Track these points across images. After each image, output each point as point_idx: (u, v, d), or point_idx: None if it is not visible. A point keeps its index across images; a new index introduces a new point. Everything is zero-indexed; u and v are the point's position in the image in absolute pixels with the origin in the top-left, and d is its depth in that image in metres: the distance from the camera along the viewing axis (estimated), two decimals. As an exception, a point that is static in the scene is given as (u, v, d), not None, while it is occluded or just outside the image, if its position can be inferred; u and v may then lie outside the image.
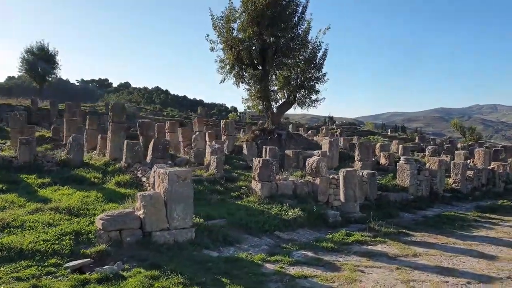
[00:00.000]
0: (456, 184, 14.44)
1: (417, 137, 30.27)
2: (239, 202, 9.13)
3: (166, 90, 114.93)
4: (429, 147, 19.85)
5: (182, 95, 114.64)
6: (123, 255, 5.57)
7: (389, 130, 38.18)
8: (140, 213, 6.24)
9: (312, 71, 19.06)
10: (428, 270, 5.80)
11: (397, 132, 37.10)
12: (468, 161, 19.33)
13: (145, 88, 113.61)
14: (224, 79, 19.04)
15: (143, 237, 6.10)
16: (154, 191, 6.79)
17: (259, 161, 9.72)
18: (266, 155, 14.34)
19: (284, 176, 10.58)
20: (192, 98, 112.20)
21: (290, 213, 8.48)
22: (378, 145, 17.97)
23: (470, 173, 15.11)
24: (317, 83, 19.12)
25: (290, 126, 27.93)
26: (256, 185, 9.75)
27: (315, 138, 21.06)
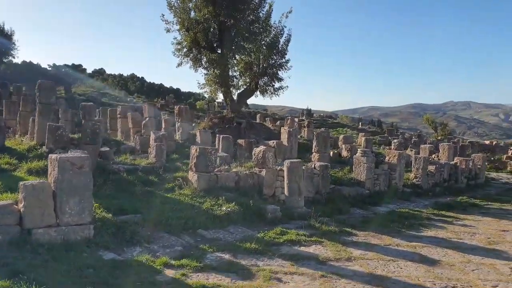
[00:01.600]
0: (417, 179, 13.86)
1: (386, 130, 29.92)
2: (169, 195, 8.13)
3: (142, 78, 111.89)
4: (395, 141, 19.29)
5: (159, 83, 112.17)
6: (-16, 258, 4.51)
7: (360, 123, 37.83)
8: (20, 206, 5.18)
9: (275, 57, 18.08)
10: (357, 278, 4.98)
11: (367, 126, 36.73)
12: (433, 155, 18.89)
13: (120, 75, 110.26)
14: (181, 62, 17.84)
15: (21, 235, 5.05)
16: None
17: (196, 150, 8.74)
18: (220, 144, 13.38)
19: (226, 167, 9.63)
20: (168, 87, 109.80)
21: (223, 208, 7.55)
22: (341, 137, 17.28)
23: (432, 168, 14.55)
24: (280, 70, 18.18)
25: (258, 115, 27.02)
26: (192, 177, 8.78)
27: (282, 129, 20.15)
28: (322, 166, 10.64)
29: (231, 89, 18.28)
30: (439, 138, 34.00)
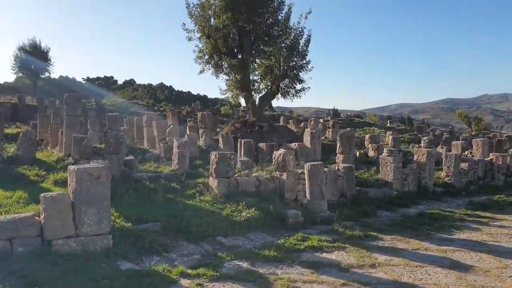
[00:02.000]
0: (449, 178, 13.24)
1: (415, 128, 28.92)
2: (190, 202, 8.11)
3: (170, 86, 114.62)
4: (425, 138, 18.60)
5: (186, 90, 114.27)
6: (5, 270, 4.59)
7: (388, 121, 36.78)
8: (41, 218, 5.26)
9: (295, 59, 17.85)
10: (381, 286, 4.73)
11: (396, 124, 35.65)
12: (466, 152, 18.07)
13: (150, 85, 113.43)
14: (203, 69, 17.93)
15: (42, 246, 5.12)
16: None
17: (215, 155, 8.68)
18: (241, 148, 13.32)
19: (246, 172, 9.52)
20: (196, 94, 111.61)
21: (243, 214, 7.44)
22: (367, 136, 16.81)
23: (465, 165, 13.88)
24: (301, 71, 17.92)
25: (281, 118, 26.78)
26: (212, 182, 8.73)
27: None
28: (346, 167, 10.34)
29: (252, 93, 18.20)
30: (473, 133, 32.57)
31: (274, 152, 9.80)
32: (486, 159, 15.24)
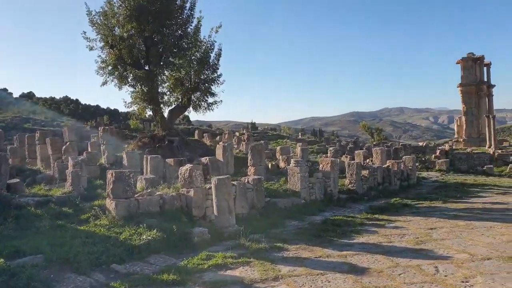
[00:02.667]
0: (352, 185, 14.04)
1: (324, 139, 30.59)
2: (83, 228, 7.29)
3: (76, 100, 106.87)
4: (331, 148, 19.64)
5: (95, 104, 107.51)
6: None
7: (300, 134, 38.48)
8: None
9: (207, 72, 17.71)
10: (281, 300, 4.59)
11: (307, 136, 37.47)
12: (367, 160, 19.45)
13: (52, 98, 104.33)
14: (106, 81, 16.84)
15: None
16: None
17: (111, 174, 7.98)
18: (148, 165, 12.62)
19: (149, 191, 8.94)
20: (105, 108, 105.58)
21: (143, 237, 6.87)
22: (278, 148, 17.19)
23: (365, 172, 14.86)
24: (213, 84, 17.83)
25: (196, 132, 26.32)
26: (110, 204, 7.99)
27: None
28: (255, 179, 10.32)
29: (161, 106, 17.56)
30: (374, 143, 35.44)
31: (180, 168, 9.38)
32: (384, 166, 16.52)
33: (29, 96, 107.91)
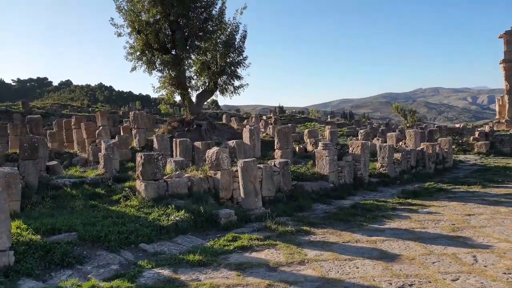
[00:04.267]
0: (384, 168, 13.63)
1: (353, 122, 29.93)
2: (114, 208, 7.49)
3: (110, 86, 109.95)
4: (362, 131, 19.15)
5: (128, 90, 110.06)
6: None
7: (328, 117, 37.82)
8: None
9: (232, 55, 17.54)
10: (307, 285, 4.53)
11: (336, 119, 36.72)
12: (400, 143, 18.85)
13: (88, 86, 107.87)
14: (135, 67, 17.04)
15: None
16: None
17: (141, 157, 8.11)
18: (177, 148, 12.77)
19: (177, 173, 9.04)
20: (138, 94, 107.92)
21: (171, 218, 6.97)
22: (306, 131, 16.94)
23: (398, 155, 14.39)
24: (238, 67, 17.66)
25: (224, 116, 26.39)
26: (140, 186, 8.15)
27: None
28: (282, 163, 10.21)
29: (188, 90, 17.63)
30: (408, 125, 34.35)
31: (208, 151, 9.41)
32: (417, 149, 15.94)
33: (67, 84, 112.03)
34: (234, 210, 7.74)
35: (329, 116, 38.30)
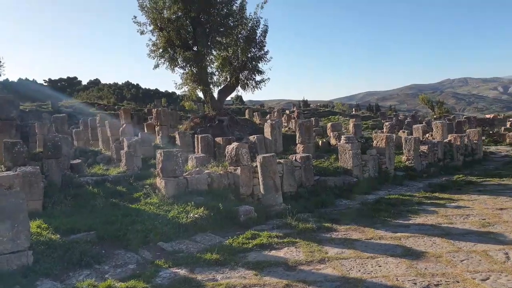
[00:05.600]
0: (410, 161, 13.20)
1: (378, 114, 29.18)
2: (134, 206, 7.51)
3: (137, 84, 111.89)
4: (387, 123, 18.63)
5: (154, 88, 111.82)
6: None
7: (353, 109, 37.06)
8: None
9: (253, 50, 17.41)
10: (326, 284, 4.35)
11: (361, 111, 35.90)
12: (427, 135, 18.24)
13: (115, 84, 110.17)
14: (158, 64, 17.19)
15: None
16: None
17: (160, 153, 8.10)
18: (199, 144, 12.77)
19: (197, 169, 8.99)
20: (164, 91, 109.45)
21: (190, 215, 6.92)
22: (329, 125, 16.61)
23: (424, 148, 13.89)
24: (260, 62, 17.50)
25: (247, 111, 26.29)
26: (160, 183, 8.15)
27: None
28: (303, 157, 10.01)
29: (210, 86, 17.63)
30: (435, 116, 33.22)
31: (227, 146, 9.32)
32: (445, 141, 15.35)
33: (95, 83, 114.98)
34: (255, 207, 7.63)
35: (354, 109, 37.52)
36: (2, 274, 4.61)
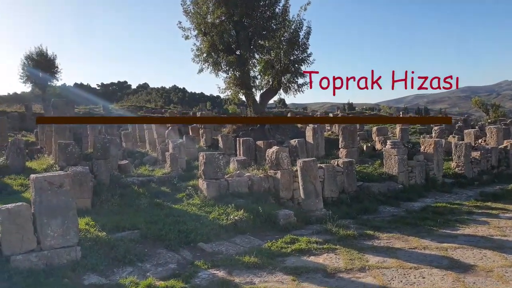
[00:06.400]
0: (460, 168, 12.52)
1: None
2: (176, 206, 7.72)
3: (183, 88, 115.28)
4: (436, 128, 17.81)
5: (200, 92, 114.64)
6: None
7: (401, 113, 35.76)
8: None
9: (296, 53, 17.31)
10: (365, 294, 4.22)
11: (409, 115, 34.53)
12: (480, 140, 17.21)
13: (163, 88, 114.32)
14: (202, 68, 17.58)
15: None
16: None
17: (203, 156, 8.27)
18: (240, 147, 12.90)
19: (238, 172, 9.08)
20: (209, 95, 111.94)
21: (231, 217, 7.00)
22: (374, 129, 16.16)
23: (476, 154, 13.12)
24: (302, 65, 17.36)
25: (289, 114, 26.21)
26: (202, 185, 8.33)
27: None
28: (346, 162, 9.80)
29: (252, 90, 17.77)
30: (489, 121, 31.31)
31: (267, 150, 9.33)
32: (500, 147, 14.41)
33: (144, 87, 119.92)
34: (295, 211, 7.58)
35: (401, 113, 36.23)
36: (54, 268, 4.90)
